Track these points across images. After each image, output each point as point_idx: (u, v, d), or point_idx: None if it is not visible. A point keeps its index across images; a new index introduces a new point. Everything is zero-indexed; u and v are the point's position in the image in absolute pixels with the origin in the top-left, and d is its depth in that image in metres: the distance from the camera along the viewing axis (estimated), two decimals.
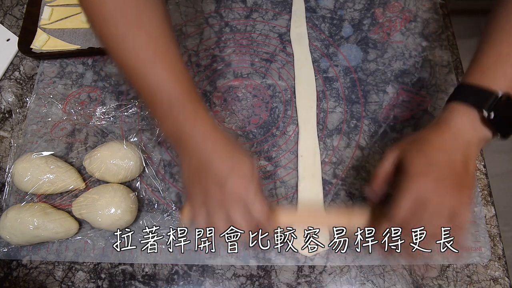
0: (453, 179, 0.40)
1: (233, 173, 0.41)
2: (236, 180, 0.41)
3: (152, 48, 0.42)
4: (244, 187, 0.41)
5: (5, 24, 0.69)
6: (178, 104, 0.42)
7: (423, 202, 0.39)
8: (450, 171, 0.40)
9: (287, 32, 0.66)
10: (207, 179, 0.41)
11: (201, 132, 0.42)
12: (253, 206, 0.41)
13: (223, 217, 0.42)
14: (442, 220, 0.40)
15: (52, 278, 0.52)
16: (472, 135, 0.41)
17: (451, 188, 0.40)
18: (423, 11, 0.67)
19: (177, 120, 0.42)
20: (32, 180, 0.53)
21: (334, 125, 0.59)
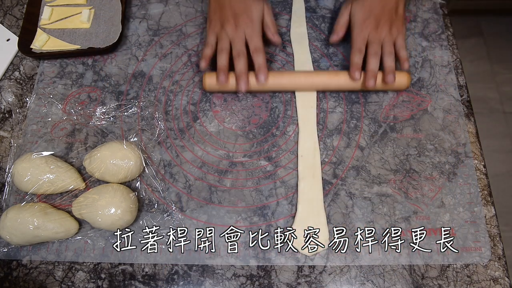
0: (387, 21, 0.57)
1: (245, 14, 0.57)
2: (247, 18, 0.57)
3: None
4: (250, 24, 0.57)
5: (5, 24, 0.69)
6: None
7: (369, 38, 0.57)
8: (384, 16, 0.57)
9: (287, 32, 0.66)
10: (226, 13, 0.58)
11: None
12: (251, 39, 0.57)
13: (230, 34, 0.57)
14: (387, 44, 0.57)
15: (52, 278, 0.52)
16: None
17: (386, 26, 0.57)
18: (423, 11, 0.67)
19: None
20: (32, 180, 0.53)
21: (334, 125, 0.59)
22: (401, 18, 0.59)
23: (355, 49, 0.57)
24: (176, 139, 0.59)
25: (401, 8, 0.59)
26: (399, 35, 0.58)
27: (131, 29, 0.67)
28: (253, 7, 0.58)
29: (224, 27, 0.57)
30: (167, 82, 0.63)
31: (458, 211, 0.54)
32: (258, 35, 0.57)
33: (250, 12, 0.57)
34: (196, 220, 0.54)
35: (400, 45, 0.58)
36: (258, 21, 0.58)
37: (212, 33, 0.59)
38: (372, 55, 0.56)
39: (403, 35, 0.59)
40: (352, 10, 0.59)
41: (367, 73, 0.56)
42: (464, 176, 0.56)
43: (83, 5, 0.68)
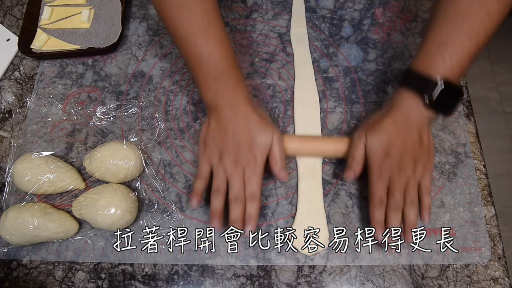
0: (410, 158, 0.48)
1: (249, 149, 0.49)
2: (249, 154, 0.49)
3: (206, 19, 0.48)
4: (253, 163, 0.49)
5: (5, 24, 0.69)
6: (223, 77, 0.49)
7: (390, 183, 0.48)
8: (407, 152, 0.48)
9: (287, 32, 0.66)
10: (227, 142, 0.49)
11: (235, 103, 0.49)
12: (249, 182, 0.49)
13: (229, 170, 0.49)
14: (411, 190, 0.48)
15: (52, 278, 0.52)
16: (420, 116, 0.48)
17: (410, 166, 0.48)
18: (423, 11, 0.67)
19: (218, 91, 0.49)
20: (32, 180, 0.53)
21: (334, 125, 0.59)
22: (427, 150, 0.49)
23: (375, 201, 0.48)
24: (176, 139, 0.59)
25: (426, 136, 0.49)
26: (425, 175, 0.49)
27: (131, 29, 0.67)
28: (259, 141, 0.49)
29: (222, 160, 0.49)
30: (167, 82, 0.63)
31: (458, 211, 0.54)
32: (258, 178, 0.49)
33: (255, 148, 0.49)
34: (196, 220, 0.54)
35: (425, 188, 0.49)
36: (263, 158, 0.49)
37: (206, 163, 0.50)
38: (393, 209, 0.48)
39: (430, 174, 0.49)
40: (369, 144, 0.49)
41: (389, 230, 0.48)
42: (464, 176, 0.56)
43: (83, 5, 0.68)
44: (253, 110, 0.50)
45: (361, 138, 0.50)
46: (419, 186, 0.49)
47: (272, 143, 0.50)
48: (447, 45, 0.47)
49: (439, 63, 0.47)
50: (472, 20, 0.46)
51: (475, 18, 0.46)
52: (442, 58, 0.47)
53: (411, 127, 0.48)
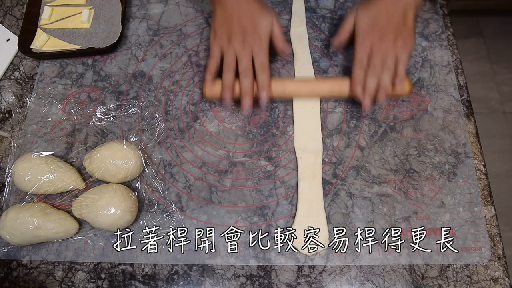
0: (392, 32, 0.55)
1: (254, 29, 0.55)
2: (255, 34, 0.55)
3: None
4: (258, 40, 0.55)
5: (5, 24, 0.69)
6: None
7: (372, 50, 0.55)
8: (390, 26, 0.55)
9: (287, 32, 0.66)
10: (233, 27, 0.56)
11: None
12: (258, 55, 0.55)
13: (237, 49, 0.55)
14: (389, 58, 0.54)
15: (52, 278, 0.52)
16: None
17: (391, 38, 0.55)
18: (423, 11, 0.67)
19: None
20: (32, 180, 0.53)
21: (334, 125, 0.59)
22: (409, 30, 0.55)
23: (356, 61, 0.56)
24: (176, 139, 0.59)
25: (410, 18, 0.55)
26: (403, 49, 0.55)
27: (131, 29, 0.67)
28: (262, 22, 0.56)
29: (231, 42, 0.56)
30: (167, 82, 0.63)
31: (458, 211, 0.54)
32: (265, 52, 0.56)
33: (259, 28, 0.56)
34: (196, 220, 0.54)
35: (401, 59, 0.55)
36: (266, 37, 0.56)
37: (217, 46, 0.57)
38: (371, 71, 0.54)
39: (409, 49, 0.55)
40: (357, 17, 0.57)
41: (364, 91, 0.55)
42: (464, 176, 0.56)
43: (83, 5, 0.68)
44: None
45: (352, 13, 0.58)
46: (397, 58, 0.54)
47: (272, 24, 0.56)
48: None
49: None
50: None
51: None
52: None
53: (399, 6, 0.55)
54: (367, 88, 0.54)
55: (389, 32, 0.55)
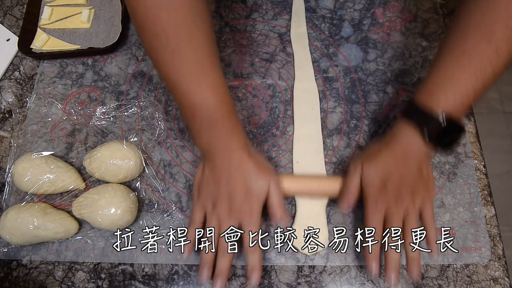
0: (407, 188, 0.47)
1: (244, 199, 0.47)
2: (244, 203, 0.47)
3: (200, 66, 0.45)
4: (248, 214, 0.47)
5: (5, 24, 0.69)
6: (217, 124, 0.46)
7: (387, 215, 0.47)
8: (404, 183, 0.47)
9: (287, 32, 0.66)
10: (220, 192, 0.47)
11: (230, 150, 0.47)
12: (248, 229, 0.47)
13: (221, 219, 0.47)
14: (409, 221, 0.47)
15: (52, 278, 0.52)
16: (419, 150, 0.47)
17: (407, 197, 0.47)
18: (423, 11, 0.67)
19: (212, 137, 0.47)
20: (32, 180, 0.53)
21: (334, 125, 0.59)
22: (427, 182, 0.48)
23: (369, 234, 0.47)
24: (176, 139, 0.59)
25: (425, 169, 0.48)
26: (425, 204, 0.47)
27: (131, 29, 0.67)
28: (255, 189, 0.47)
29: (215, 209, 0.47)
30: None
31: (458, 211, 0.54)
32: (256, 226, 0.47)
33: (251, 197, 0.47)
34: None
35: (428, 218, 0.47)
36: (259, 207, 0.47)
37: (200, 210, 0.49)
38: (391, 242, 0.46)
39: (431, 204, 0.48)
40: (364, 175, 0.48)
41: (387, 263, 0.46)
42: (464, 176, 0.56)
43: (83, 5, 0.68)
44: (248, 156, 0.47)
45: (357, 169, 0.49)
46: (421, 216, 0.47)
47: (269, 190, 0.47)
48: (452, 82, 0.44)
49: (441, 98, 0.45)
50: (479, 59, 0.43)
51: (482, 57, 0.43)
52: (445, 94, 0.45)
53: (410, 161, 0.47)
54: (389, 261, 0.46)
55: (405, 192, 0.47)
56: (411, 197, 0.47)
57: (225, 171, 0.47)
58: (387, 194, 0.47)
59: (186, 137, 0.59)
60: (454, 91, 0.44)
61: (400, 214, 0.46)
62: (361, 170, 0.48)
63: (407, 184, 0.47)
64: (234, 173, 0.47)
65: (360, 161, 0.49)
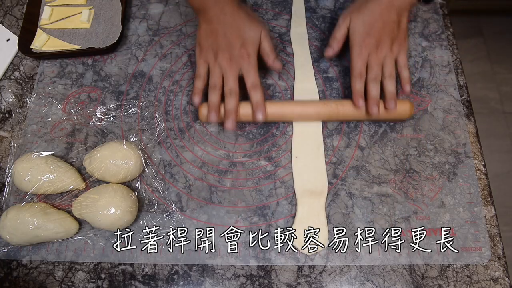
0: (388, 37, 0.53)
1: (241, 45, 0.52)
2: (243, 50, 0.52)
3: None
4: (246, 57, 0.52)
5: (5, 24, 0.69)
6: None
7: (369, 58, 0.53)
8: (385, 32, 0.53)
9: (287, 32, 0.66)
10: (219, 42, 0.53)
11: (221, 2, 0.52)
12: (248, 74, 0.53)
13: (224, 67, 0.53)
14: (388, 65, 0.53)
15: (52, 278, 0.52)
16: (403, 1, 0.53)
17: (387, 44, 0.53)
18: (423, 11, 0.67)
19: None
20: (32, 180, 0.53)
21: (334, 125, 0.59)
22: (403, 32, 0.55)
23: (355, 74, 0.54)
24: (176, 139, 0.59)
25: (404, 21, 0.54)
26: (401, 52, 0.54)
27: (131, 29, 0.67)
28: (249, 35, 0.53)
29: (217, 59, 0.53)
30: (167, 82, 0.63)
31: (458, 211, 0.54)
32: (254, 69, 0.53)
33: (247, 43, 0.53)
34: (196, 220, 0.54)
35: (402, 63, 0.54)
36: (255, 52, 0.54)
37: (203, 63, 0.54)
38: (372, 81, 0.53)
39: (406, 51, 0.55)
40: (352, 24, 0.54)
41: (369, 100, 0.53)
42: (464, 176, 0.56)
43: (83, 5, 0.68)
44: (239, 7, 0.52)
45: (345, 20, 0.55)
46: (397, 62, 0.54)
47: (261, 37, 0.53)
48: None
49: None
50: None
51: None
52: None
53: (393, 10, 0.52)
54: (371, 97, 0.53)
55: (385, 39, 0.53)
56: (390, 44, 0.53)
57: (220, 23, 0.52)
58: (370, 41, 0.53)
59: (186, 137, 0.59)
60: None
61: (380, 59, 0.53)
62: (349, 21, 0.54)
63: (388, 32, 0.53)
64: (228, 24, 0.52)
65: (349, 13, 0.55)
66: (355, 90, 0.54)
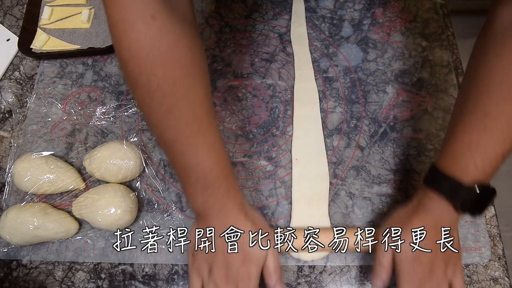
0: (441, 259, 0.44)
1: (241, 263, 0.44)
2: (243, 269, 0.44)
3: (196, 126, 0.41)
4: (247, 280, 0.43)
5: (5, 24, 0.69)
6: (213, 186, 0.43)
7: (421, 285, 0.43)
8: (436, 254, 0.44)
9: (287, 32, 0.66)
10: (217, 256, 0.45)
11: (224, 213, 0.45)
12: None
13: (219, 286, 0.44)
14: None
15: (52, 278, 0.52)
16: (450, 219, 0.45)
17: (441, 267, 0.44)
18: (423, 11, 0.67)
19: (207, 201, 0.44)
20: (32, 180, 0.53)
21: (334, 125, 0.59)
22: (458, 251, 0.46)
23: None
24: None
25: (455, 236, 0.46)
26: (455, 275, 0.45)
27: None
28: (253, 253, 0.44)
29: (212, 275, 0.44)
30: None
31: None
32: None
33: (248, 261, 0.44)
34: None
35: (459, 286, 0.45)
36: (257, 272, 0.44)
37: (196, 276, 0.46)
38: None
39: (461, 273, 0.45)
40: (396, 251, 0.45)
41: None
42: None
43: (83, 5, 0.68)
44: (245, 218, 0.45)
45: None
46: (452, 286, 0.45)
47: (267, 255, 0.45)
48: (478, 147, 0.41)
49: (470, 167, 0.42)
50: (505, 121, 0.40)
51: (508, 119, 0.40)
52: (474, 162, 0.42)
53: (439, 230, 0.45)
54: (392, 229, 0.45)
55: (438, 263, 0.44)
56: (444, 269, 0.44)
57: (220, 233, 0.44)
58: (422, 267, 0.44)
59: None
60: (482, 157, 0.41)
61: (433, 285, 0.44)
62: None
63: (440, 255, 0.44)
64: None
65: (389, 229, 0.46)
66: None
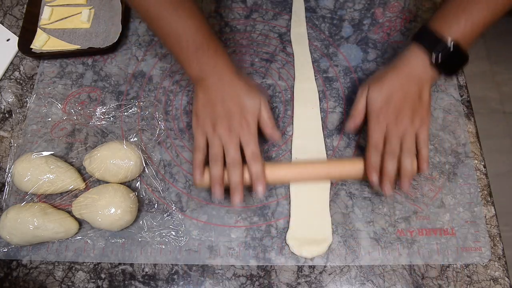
0: (409, 109, 0.50)
1: (240, 114, 0.50)
2: (242, 119, 0.50)
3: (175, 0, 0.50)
4: (246, 127, 0.50)
5: (5, 24, 0.69)
6: (203, 46, 0.51)
7: (388, 130, 0.50)
8: (406, 104, 0.50)
9: (287, 32, 0.66)
10: (218, 112, 0.50)
11: (219, 70, 0.51)
12: (247, 144, 0.50)
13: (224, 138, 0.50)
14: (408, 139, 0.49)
15: (52, 278, 0.52)
16: (424, 73, 0.50)
17: (408, 116, 0.49)
18: (423, 11, 0.67)
19: (200, 60, 0.51)
20: (32, 180, 0.53)
21: (334, 125, 0.59)
22: (426, 105, 0.51)
23: (371, 145, 0.50)
24: (176, 139, 0.59)
25: (426, 92, 0.51)
26: (422, 127, 0.50)
27: (131, 29, 0.67)
28: (248, 105, 0.51)
29: (215, 129, 0.50)
30: (167, 82, 0.63)
31: (458, 211, 0.54)
32: (254, 140, 0.50)
33: (246, 112, 0.50)
34: (196, 220, 0.54)
35: (423, 139, 0.50)
36: (255, 122, 0.51)
37: (201, 134, 0.51)
38: (389, 154, 0.49)
39: (427, 127, 0.50)
40: (370, 93, 0.51)
41: (383, 176, 0.49)
42: (464, 176, 0.56)
43: (83, 5, 0.68)
44: (238, 76, 0.52)
45: (364, 90, 0.52)
46: (417, 138, 0.50)
47: (260, 107, 0.51)
48: (465, 10, 0.48)
49: (453, 25, 0.48)
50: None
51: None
52: (457, 21, 0.48)
53: (414, 82, 0.50)
54: (387, 173, 0.49)
55: (406, 110, 0.49)
56: (411, 116, 0.49)
57: (219, 91, 0.51)
58: (389, 110, 0.50)
59: (186, 137, 0.59)
60: (466, 19, 0.48)
61: (399, 132, 0.49)
62: (367, 91, 0.52)
63: (409, 104, 0.50)
64: (227, 93, 0.51)
65: (367, 84, 0.52)
66: (369, 162, 0.50)
